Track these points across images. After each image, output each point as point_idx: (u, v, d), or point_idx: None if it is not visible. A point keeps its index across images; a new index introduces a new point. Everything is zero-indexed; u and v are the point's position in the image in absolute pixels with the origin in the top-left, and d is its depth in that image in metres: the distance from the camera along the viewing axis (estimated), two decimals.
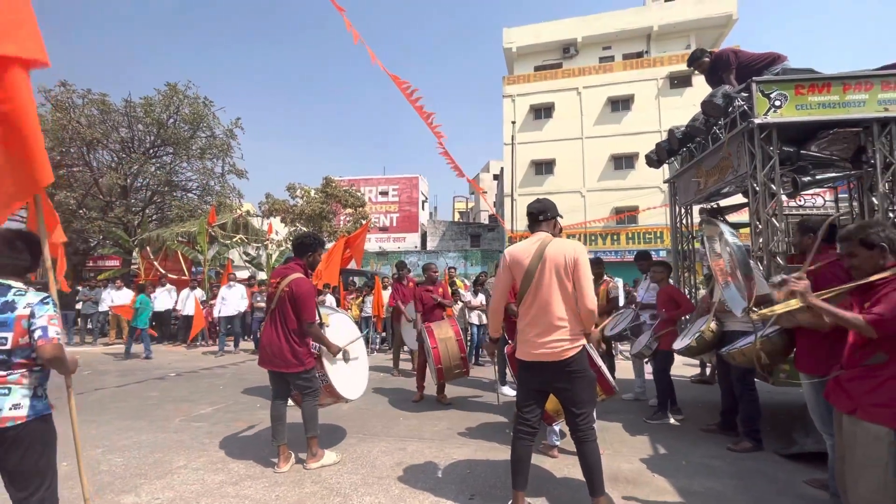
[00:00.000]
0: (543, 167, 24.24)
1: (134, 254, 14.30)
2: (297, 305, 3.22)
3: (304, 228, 19.31)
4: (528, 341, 2.47)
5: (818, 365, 2.59)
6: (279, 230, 18.46)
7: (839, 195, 6.34)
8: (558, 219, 2.67)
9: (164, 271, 12.56)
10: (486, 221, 32.60)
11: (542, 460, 3.37)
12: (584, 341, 2.46)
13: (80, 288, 11.98)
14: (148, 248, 13.31)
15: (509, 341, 3.52)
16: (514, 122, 24.08)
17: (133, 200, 16.73)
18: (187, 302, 10.73)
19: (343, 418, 4.55)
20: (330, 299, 8.88)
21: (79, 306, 11.24)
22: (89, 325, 11.36)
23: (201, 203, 17.50)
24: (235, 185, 18.50)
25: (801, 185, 4.49)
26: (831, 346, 2.52)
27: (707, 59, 4.96)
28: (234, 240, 14.25)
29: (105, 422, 4.46)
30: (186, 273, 13.14)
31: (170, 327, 11.52)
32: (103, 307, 11.06)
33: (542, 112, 24.60)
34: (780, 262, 3.95)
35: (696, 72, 5.16)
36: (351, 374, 3.77)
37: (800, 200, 6.95)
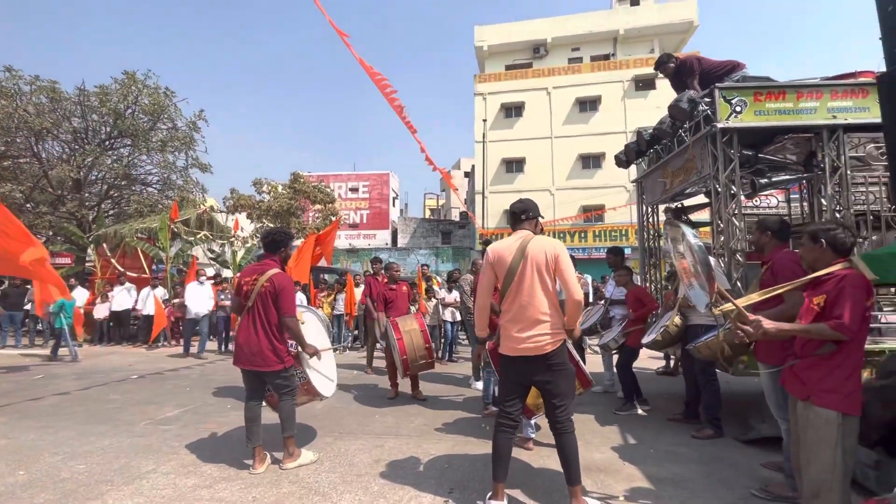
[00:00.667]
0: (514, 165, 24.56)
1: (89, 251, 13.54)
2: (279, 299, 3.19)
3: (272, 225, 18.85)
4: (511, 336, 2.53)
5: (775, 355, 2.78)
6: (245, 226, 17.93)
7: (791, 196, 6.75)
8: (539, 218, 2.74)
9: (122, 269, 11.96)
10: (458, 218, 32.74)
11: (518, 452, 3.44)
12: (564, 336, 2.54)
13: (29, 287, 11.26)
14: (104, 245, 12.63)
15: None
16: (485, 120, 24.26)
17: (87, 194, 15.83)
18: (148, 301, 10.29)
19: (318, 417, 4.50)
20: (300, 297, 8.71)
21: (28, 307, 10.56)
22: (40, 327, 10.70)
23: (162, 198, 16.74)
24: (199, 179, 17.86)
25: (758, 186, 4.76)
26: (786, 339, 2.72)
27: (673, 65, 5.18)
28: (199, 236, 13.74)
29: (63, 427, 4.24)
30: (147, 271, 12.57)
31: (129, 328, 11.01)
32: (56, 307, 10.44)
33: (513, 111, 24.91)
34: (740, 259, 4.19)
35: (662, 75, 5.38)
36: (325, 371, 3.76)
37: (756, 201, 7.35)
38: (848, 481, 2.10)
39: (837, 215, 4.25)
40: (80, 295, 10.66)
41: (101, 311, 10.63)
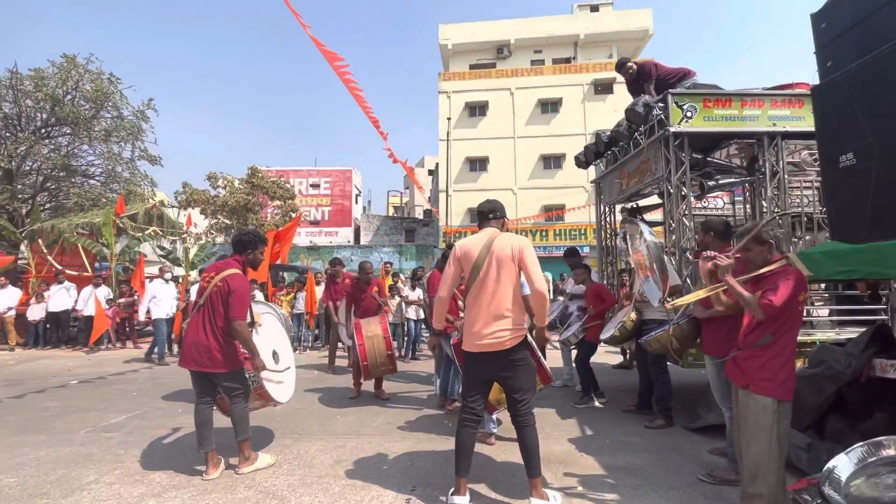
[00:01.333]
0: (478, 164, 24.77)
1: (22, 247, 12.50)
2: (228, 300, 3.02)
3: (227, 221, 18.13)
4: (474, 333, 2.56)
5: (719, 347, 2.95)
6: (199, 222, 17.14)
7: (735, 198, 7.18)
8: (505, 219, 2.80)
9: (60, 267, 11.11)
10: (421, 216, 32.65)
11: (480, 447, 3.47)
12: (525, 331, 2.59)
13: None
14: (40, 241, 11.69)
15: (454, 334, 3.61)
16: (449, 119, 24.32)
17: (20, 186, 14.61)
18: (89, 301, 9.63)
19: (276, 419, 4.37)
20: (258, 295, 8.42)
21: None
22: None
23: (106, 191, 15.70)
24: (148, 172, 16.84)
25: (707, 188, 5.02)
26: (729, 332, 2.90)
27: (633, 67, 5.34)
28: (147, 232, 12.99)
29: None
30: (89, 269, 11.75)
31: (68, 330, 10.26)
32: None
33: (477, 110, 25.11)
34: (689, 257, 4.40)
35: (622, 76, 5.53)
36: (281, 375, 3.58)
37: (704, 202, 7.77)
38: (783, 463, 2.26)
39: (776, 216, 4.56)
40: (12, 295, 9.86)
41: (35, 313, 9.84)
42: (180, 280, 10.36)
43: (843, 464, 2.52)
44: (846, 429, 2.90)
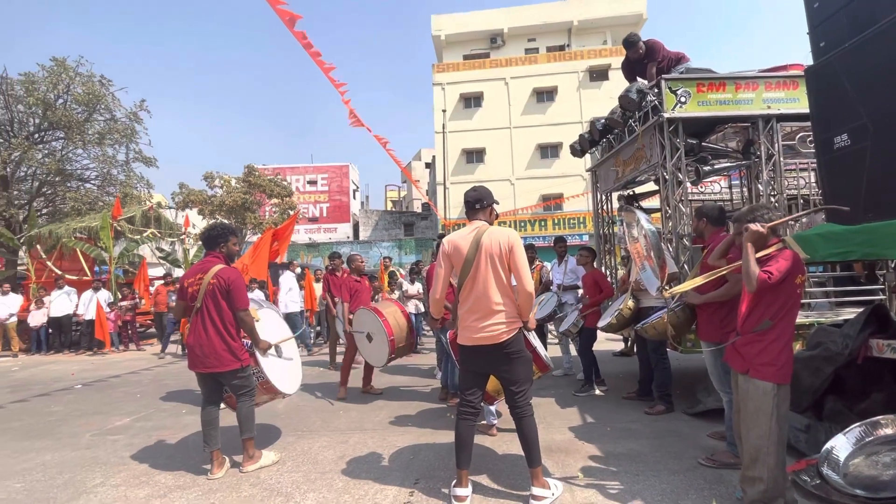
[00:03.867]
0: (474, 156, 24.69)
1: (21, 253, 12.49)
2: (230, 294, 3.09)
3: (225, 221, 18.10)
4: (468, 327, 2.57)
5: (715, 333, 2.97)
6: (197, 223, 17.11)
7: (732, 182, 7.16)
8: (494, 206, 2.76)
9: (59, 272, 11.12)
10: (420, 210, 32.62)
11: (482, 439, 3.51)
12: (519, 324, 2.59)
13: None
14: (38, 247, 11.68)
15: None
16: (444, 111, 24.19)
17: (16, 192, 14.56)
18: (89, 305, 9.65)
19: (279, 416, 4.40)
20: (259, 294, 8.43)
21: None
22: None
23: (102, 194, 15.64)
24: (143, 174, 16.77)
25: (702, 173, 5.01)
26: (724, 318, 2.93)
27: (642, 45, 5.19)
28: (145, 234, 12.98)
29: None
30: (88, 273, 11.76)
31: (70, 334, 10.29)
32: None
33: (472, 101, 24.97)
34: (687, 243, 4.40)
35: (630, 55, 5.33)
36: (286, 368, 3.65)
37: (701, 188, 7.75)
38: (783, 445, 2.28)
39: (773, 199, 4.55)
40: (13, 301, 9.87)
41: (36, 319, 9.85)
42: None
43: (841, 444, 2.54)
44: (844, 409, 2.92)
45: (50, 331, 10.11)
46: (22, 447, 3.84)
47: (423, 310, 8.13)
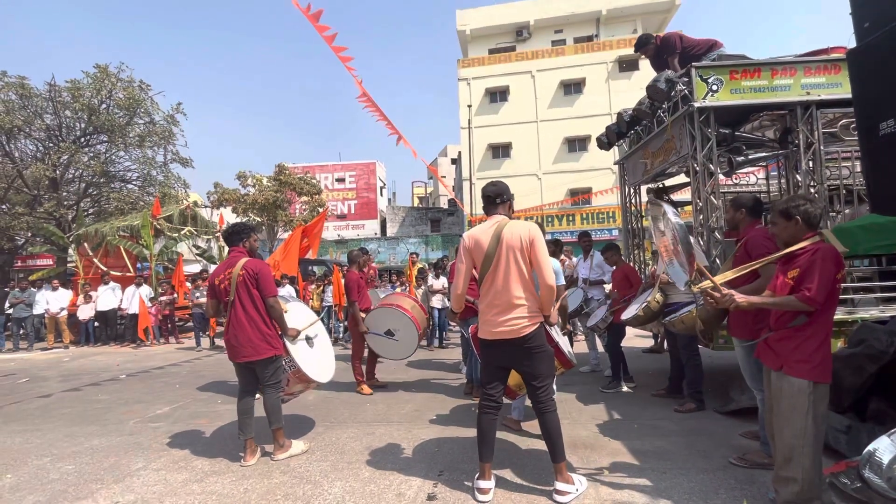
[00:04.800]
0: (500, 151, 24.49)
1: (70, 251, 13.27)
2: (259, 282, 3.24)
3: (258, 218, 18.65)
4: (489, 321, 2.57)
5: (746, 330, 2.86)
6: (231, 221, 17.70)
7: (770, 173, 6.85)
8: (511, 201, 2.75)
9: (105, 268, 11.76)
10: (446, 206, 32.66)
11: (506, 434, 3.51)
12: (540, 319, 2.57)
13: (8, 290, 11.04)
14: (86, 245, 12.39)
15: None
16: (469, 106, 24.08)
17: (65, 193, 15.48)
18: (133, 300, 10.19)
19: (309, 407, 4.53)
20: (289, 290, 8.68)
21: (10, 310, 10.35)
22: (23, 331, 10.52)
23: (143, 194, 16.45)
24: (180, 174, 17.57)
25: (735, 164, 4.83)
26: (757, 313, 2.80)
27: (653, 44, 5.16)
28: (183, 232, 13.54)
29: (50, 429, 4.21)
30: (131, 269, 12.39)
31: (116, 328, 10.88)
32: (38, 310, 10.28)
33: (498, 95, 24.74)
34: (719, 237, 4.26)
35: (643, 56, 5.37)
36: (318, 357, 3.77)
37: (736, 179, 7.45)
38: (820, 445, 2.19)
39: (812, 190, 4.34)
40: (64, 296, 10.49)
41: (85, 312, 10.48)
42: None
43: (885, 446, 2.40)
44: (889, 410, 2.77)
45: (97, 324, 10.72)
46: (72, 432, 4.11)
47: (447, 304, 8.18)
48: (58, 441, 3.86)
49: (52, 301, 10.21)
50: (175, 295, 10.62)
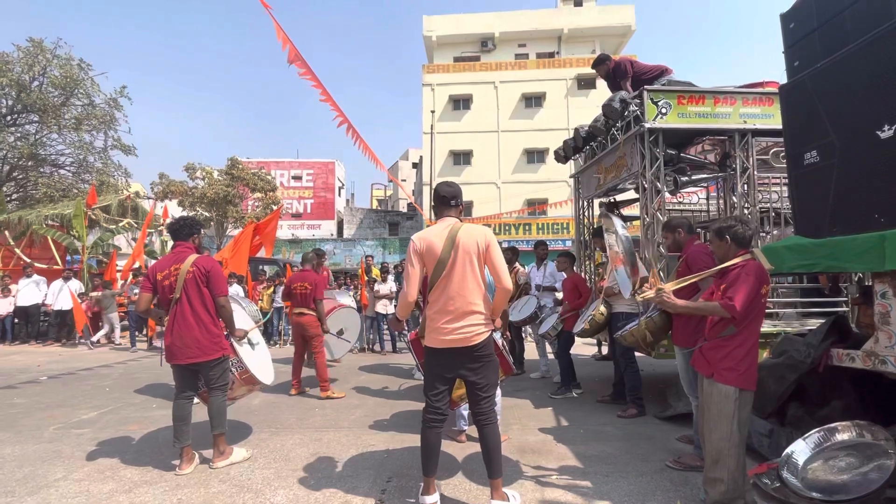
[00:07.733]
0: (462, 158, 24.73)
1: None
2: (210, 281, 3.09)
3: (206, 213, 17.77)
4: (439, 328, 2.45)
5: (688, 338, 3.04)
6: (176, 215, 16.74)
7: (710, 194, 7.34)
8: (462, 207, 2.70)
9: (28, 260, 10.75)
10: (405, 210, 32.52)
11: (447, 444, 3.40)
12: (492, 327, 2.53)
13: None
14: (7, 233, 11.28)
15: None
16: (433, 112, 24.19)
17: None
18: (60, 295, 9.35)
19: (253, 413, 4.34)
20: (237, 289, 8.31)
21: None
22: None
23: (77, 181, 15.23)
24: (121, 162, 16.41)
25: (680, 183, 5.13)
26: (699, 323, 2.99)
27: (609, 64, 5.42)
28: (121, 224, 12.66)
29: None
30: (59, 262, 11.40)
31: (38, 325, 9.95)
32: None
33: (461, 103, 25.01)
34: (663, 251, 4.50)
35: (598, 74, 5.62)
36: (259, 358, 3.70)
37: (680, 198, 7.93)
38: (743, 448, 2.35)
39: (746, 212, 4.69)
40: None
41: (2, 307, 9.51)
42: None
43: (800, 449, 2.63)
44: (805, 416, 3.02)
45: (16, 320, 9.76)
46: None
47: (392, 311, 8.12)
48: None
49: None
50: (106, 291, 9.88)
